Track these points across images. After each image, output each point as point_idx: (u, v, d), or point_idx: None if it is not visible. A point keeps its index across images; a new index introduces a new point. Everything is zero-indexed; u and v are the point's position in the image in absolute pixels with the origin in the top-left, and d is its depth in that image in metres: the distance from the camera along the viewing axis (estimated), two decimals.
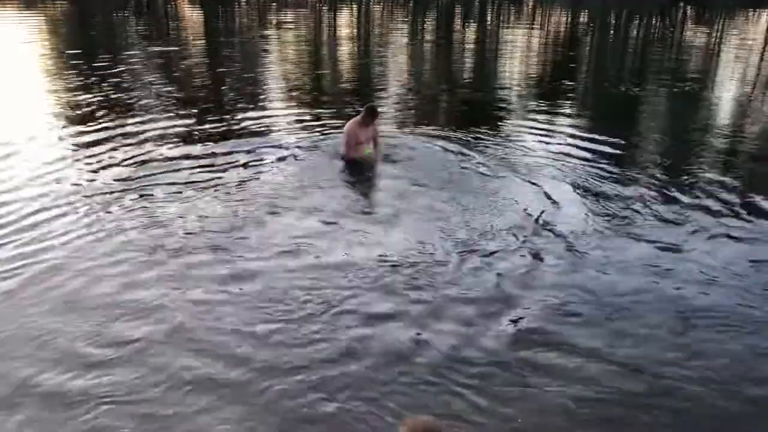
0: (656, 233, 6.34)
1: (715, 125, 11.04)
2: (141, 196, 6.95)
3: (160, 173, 7.61)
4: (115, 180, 7.43)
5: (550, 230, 6.30)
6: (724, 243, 6.20)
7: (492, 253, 5.79)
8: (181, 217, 6.40)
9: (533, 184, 7.58)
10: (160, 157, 8.26)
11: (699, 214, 6.85)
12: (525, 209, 6.80)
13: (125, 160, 8.13)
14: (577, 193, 7.33)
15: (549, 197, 7.16)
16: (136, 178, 7.45)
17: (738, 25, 29.36)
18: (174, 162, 8.05)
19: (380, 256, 5.70)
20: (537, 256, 5.78)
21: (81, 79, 13.14)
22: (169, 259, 5.55)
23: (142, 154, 8.35)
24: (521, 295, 5.15)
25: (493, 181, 7.64)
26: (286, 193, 7.12)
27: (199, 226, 6.20)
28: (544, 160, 8.48)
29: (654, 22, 30.07)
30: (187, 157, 8.25)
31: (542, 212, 6.70)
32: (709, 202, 7.17)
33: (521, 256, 5.77)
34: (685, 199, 7.27)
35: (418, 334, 4.58)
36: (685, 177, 8.07)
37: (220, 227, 6.19)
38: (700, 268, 5.66)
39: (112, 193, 7.02)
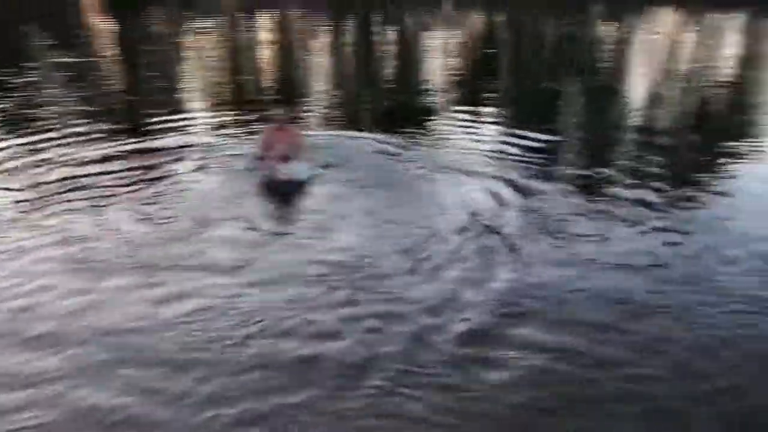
0: (582, 226, 6.47)
1: (630, 117, 11.44)
2: (52, 212, 6.57)
3: (72, 188, 7.24)
4: (21, 195, 7.03)
5: (486, 228, 6.31)
6: (647, 232, 6.38)
7: (431, 255, 5.74)
8: (99, 233, 6.06)
9: (463, 182, 7.64)
10: (72, 171, 7.86)
11: (620, 204, 7.04)
12: (459, 208, 6.81)
13: (33, 174, 7.73)
14: (508, 190, 7.38)
15: (481, 195, 7.21)
16: (47, 194, 7.07)
17: (646, 21, 30.69)
18: (88, 176, 7.67)
19: (319, 265, 5.53)
20: (479, 255, 5.78)
21: None
22: (86, 280, 5.23)
23: (52, 168, 7.95)
24: (467, 295, 5.13)
25: (423, 180, 7.69)
26: (211, 203, 6.87)
27: (119, 243, 5.87)
28: (470, 158, 8.58)
29: (564, 20, 31.01)
30: (103, 170, 7.87)
31: (475, 211, 6.72)
32: (630, 193, 7.38)
33: (462, 255, 5.76)
34: (607, 190, 7.48)
35: (368, 344, 4.44)
36: (606, 168, 8.30)
37: (143, 242, 5.89)
38: (626, 257, 5.80)
39: (19, 208, 6.68)
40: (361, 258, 5.66)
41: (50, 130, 9.66)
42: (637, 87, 15.01)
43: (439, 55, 20.13)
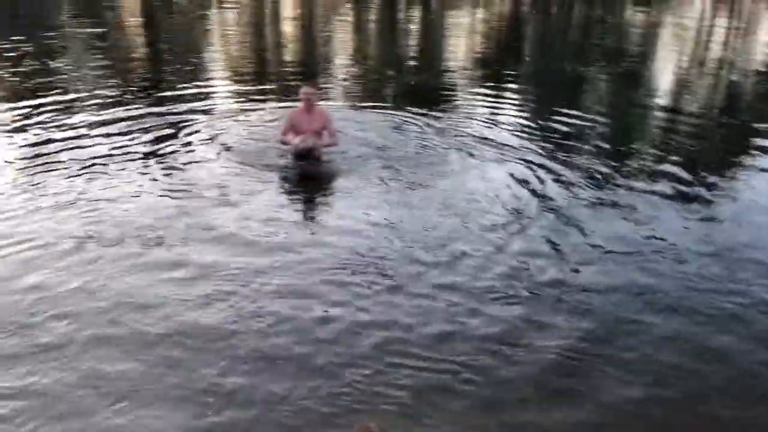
0: (607, 212, 6.40)
1: (657, 103, 11.21)
2: (71, 179, 6.63)
3: (92, 157, 7.25)
4: (39, 163, 7.07)
5: (507, 212, 6.21)
6: (672, 219, 6.28)
7: (456, 240, 5.67)
8: (113, 205, 6.07)
9: (489, 164, 7.53)
10: (92, 139, 7.92)
11: (641, 192, 6.93)
12: (484, 191, 6.70)
13: (52, 141, 7.80)
14: (530, 173, 7.25)
15: (504, 177, 7.09)
16: (66, 161, 7.13)
17: (674, 6, 30.09)
18: (107, 145, 7.71)
19: (341, 250, 5.39)
20: (500, 239, 5.70)
21: (8, 63, 12.44)
22: (98, 249, 5.23)
23: (73, 136, 8.00)
24: (496, 283, 5.06)
25: (447, 161, 7.58)
26: (230, 180, 6.79)
27: (134, 215, 5.86)
28: (495, 140, 8.43)
29: (594, 3, 30.51)
30: (122, 141, 7.88)
31: (496, 195, 6.60)
32: (652, 181, 7.26)
33: (487, 241, 5.68)
34: (633, 177, 7.37)
35: (401, 331, 4.37)
36: (632, 154, 8.20)
37: (159, 216, 5.87)
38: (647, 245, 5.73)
39: (36, 175, 6.70)
40: (384, 241, 5.58)
41: (71, 97, 9.73)
42: (666, 73, 14.75)
43: (465, 34, 19.93)
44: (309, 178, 6.97)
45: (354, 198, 6.50)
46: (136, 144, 7.79)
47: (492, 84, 12.34)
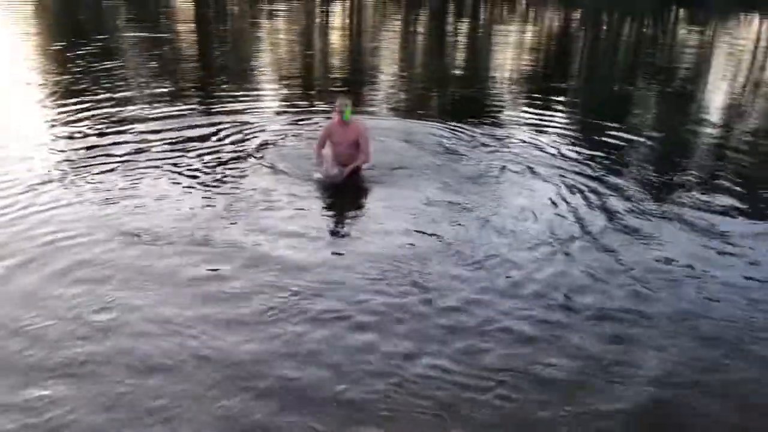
0: (653, 235, 6.22)
1: (707, 125, 10.96)
2: (115, 174, 6.86)
3: (140, 155, 7.46)
4: (91, 158, 7.30)
5: (551, 231, 6.10)
6: (716, 239, 6.11)
7: (497, 254, 5.63)
8: (155, 203, 6.23)
9: (529, 180, 7.42)
10: (141, 139, 8.12)
11: (691, 211, 6.75)
12: (525, 209, 6.58)
13: (103, 135, 8.12)
14: (573, 190, 7.14)
15: (546, 195, 6.97)
16: (112, 157, 7.35)
17: (730, 27, 29.44)
18: (154, 144, 7.93)
19: (378, 260, 5.35)
20: (542, 256, 5.63)
21: (66, 63, 12.88)
22: (142, 246, 5.35)
23: (123, 133, 8.27)
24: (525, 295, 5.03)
25: (490, 175, 7.49)
26: (272, 185, 6.84)
27: (173, 215, 5.98)
28: (539, 156, 8.33)
29: (646, 22, 30.07)
30: (169, 140, 8.10)
31: (539, 213, 6.48)
32: (700, 205, 7.06)
33: (523, 257, 5.62)
34: (678, 196, 7.19)
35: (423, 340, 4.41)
36: (676, 177, 7.98)
37: (203, 218, 5.97)
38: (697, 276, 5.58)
39: (87, 171, 6.91)
40: (422, 254, 5.52)
41: (121, 96, 10.00)
42: (718, 94, 14.42)
43: (513, 48, 19.85)
44: (346, 188, 6.95)
45: (393, 209, 6.46)
46: (182, 144, 7.98)
47: (539, 100, 12.23)
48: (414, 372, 3.99)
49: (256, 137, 8.41)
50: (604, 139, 9.35)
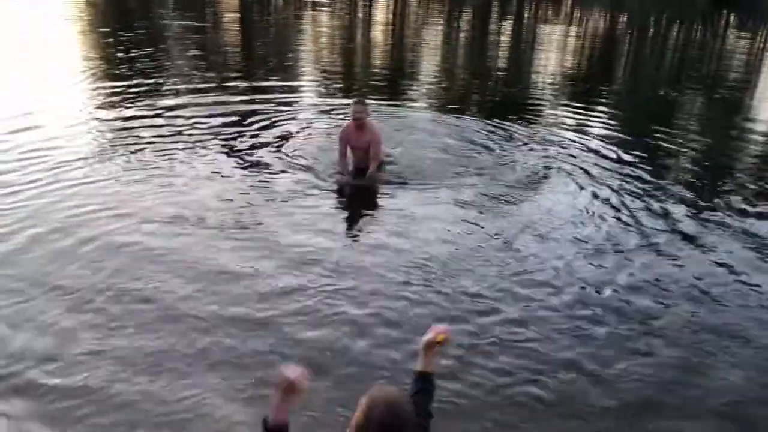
0: (708, 241, 6.06)
1: (755, 133, 10.64)
2: (160, 158, 7.02)
3: (174, 143, 7.58)
4: (133, 141, 7.50)
5: (589, 237, 5.95)
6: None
7: (533, 257, 5.55)
8: (197, 186, 6.38)
9: (569, 184, 7.27)
10: (177, 123, 8.32)
11: (732, 226, 6.53)
12: (564, 214, 6.43)
13: (144, 117, 8.41)
14: (611, 197, 6.96)
15: (585, 200, 6.83)
16: (159, 145, 7.45)
17: None
18: (187, 128, 8.13)
19: (411, 262, 5.23)
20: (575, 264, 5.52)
21: (113, 52, 13.11)
22: (185, 229, 5.46)
23: (159, 116, 8.53)
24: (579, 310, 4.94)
25: (530, 177, 7.36)
26: (306, 178, 6.83)
27: (204, 199, 6.08)
28: (578, 159, 8.14)
29: (695, 27, 29.41)
30: (205, 126, 8.27)
31: (578, 219, 6.34)
32: (744, 216, 6.84)
33: (566, 264, 5.51)
34: (719, 211, 6.94)
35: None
36: (720, 187, 7.74)
37: (234, 206, 6.03)
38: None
39: (129, 153, 7.09)
40: (457, 255, 5.43)
41: (169, 89, 10.15)
42: (765, 102, 14.01)
43: (557, 49, 19.57)
44: (375, 187, 6.86)
45: (431, 210, 6.32)
46: (217, 130, 8.10)
47: (581, 102, 11.98)
48: (461, 378, 3.95)
49: (292, 129, 8.44)
50: (648, 143, 9.14)
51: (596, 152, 8.49)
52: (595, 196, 6.93)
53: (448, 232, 5.83)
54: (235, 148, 7.53)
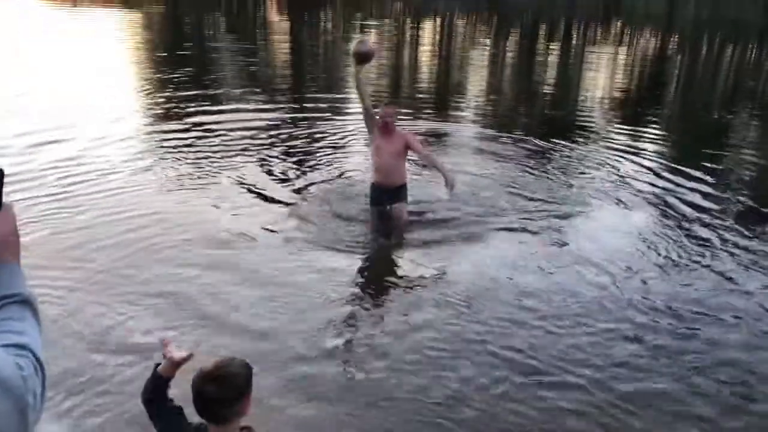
0: (740, 276, 5.85)
1: None
2: (197, 165, 7.63)
3: (218, 155, 8.05)
4: (177, 158, 7.92)
5: (638, 266, 5.80)
6: None
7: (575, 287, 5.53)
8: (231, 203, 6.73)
9: (618, 209, 7.18)
10: (222, 139, 8.74)
11: None
12: (612, 241, 6.32)
13: (192, 133, 8.95)
14: (661, 224, 6.84)
15: (635, 226, 6.72)
16: (200, 163, 7.82)
17: None
18: (234, 145, 8.50)
19: (457, 293, 5.16)
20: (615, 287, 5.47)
21: (169, 70, 13.60)
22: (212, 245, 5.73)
23: (207, 131, 9.03)
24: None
25: (578, 202, 7.27)
26: (352, 198, 6.96)
27: (247, 222, 6.27)
28: (627, 183, 8.02)
29: (749, 46, 28.72)
30: (252, 139, 8.74)
31: (628, 247, 6.19)
32: None
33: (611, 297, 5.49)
34: None
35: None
36: None
37: (279, 223, 6.28)
38: None
39: (174, 160, 7.72)
40: (505, 287, 5.32)
41: (220, 108, 10.48)
42: None
43: (606, 71, 19.37)
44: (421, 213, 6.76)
45: (472, 238, 6.24)
46: (264, 147, 8.50)
47: (630, 124, 11.78)
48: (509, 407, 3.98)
49: (338, 149, 8.66)
50: (696, 169, 8.75)
51: (646, 176, 8.35)
52: (642, 224, 6.80)
53: (503, 265, 5.71)
54: (282, 166, 7.83)
